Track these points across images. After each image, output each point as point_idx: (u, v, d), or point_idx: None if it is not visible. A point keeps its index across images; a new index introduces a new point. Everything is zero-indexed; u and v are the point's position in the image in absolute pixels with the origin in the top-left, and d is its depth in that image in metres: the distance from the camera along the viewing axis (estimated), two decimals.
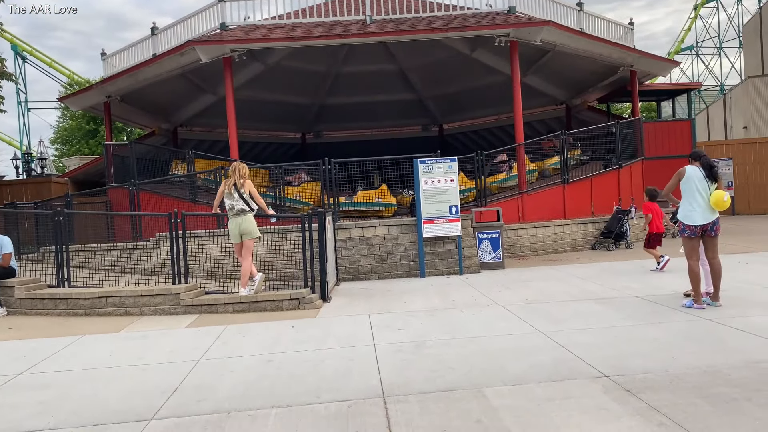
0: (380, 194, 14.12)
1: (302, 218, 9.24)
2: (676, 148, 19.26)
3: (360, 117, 24.26)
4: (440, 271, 11.50)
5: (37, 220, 12.47)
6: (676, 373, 4.76)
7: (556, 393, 4.45)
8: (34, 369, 5.92)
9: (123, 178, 16.58)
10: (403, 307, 8.36)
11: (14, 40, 41.55)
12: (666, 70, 21.24)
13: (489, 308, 7.91)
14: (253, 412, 4.40)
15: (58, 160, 36.81)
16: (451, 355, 5.64)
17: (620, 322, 6.65)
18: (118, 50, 18.36)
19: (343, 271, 11.47)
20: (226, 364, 5.73)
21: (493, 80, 20.51)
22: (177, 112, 21.40)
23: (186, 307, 8.61)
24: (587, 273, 10.55)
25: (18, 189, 22.15)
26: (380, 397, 4.57)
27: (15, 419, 4.51)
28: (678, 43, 56.55)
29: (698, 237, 7.18)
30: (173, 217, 9.10)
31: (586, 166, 16.87)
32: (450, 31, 14.70)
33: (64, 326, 8.12)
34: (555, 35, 15.18)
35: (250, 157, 20.76)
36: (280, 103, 22.51)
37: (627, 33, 18.69)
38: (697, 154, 7.42)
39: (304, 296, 8.63)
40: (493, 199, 14.24)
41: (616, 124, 16.92)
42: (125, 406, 4.67)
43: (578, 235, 14.59)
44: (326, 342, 6.46)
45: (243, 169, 8.57)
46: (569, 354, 5.44)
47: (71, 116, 37.88)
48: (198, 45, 14.60)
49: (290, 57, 19.40)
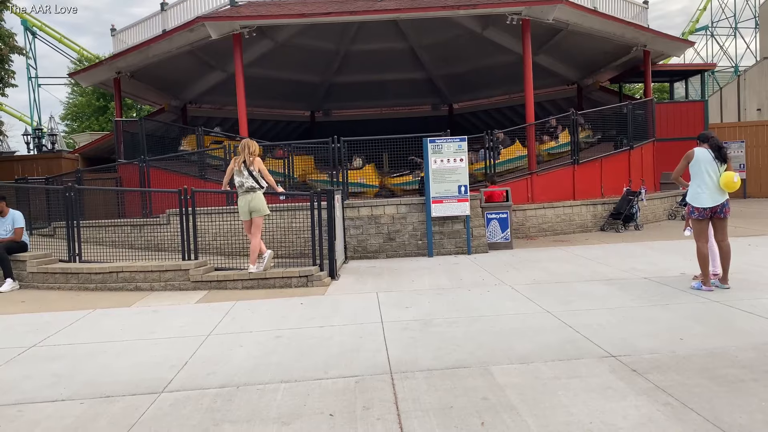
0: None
1: (311, 196, 9.25)
2: (688, 130, 19.05)
3: (369, 96, 24.14)
4: (448, 250, 11.52)
5: (49, 195, 12.57)
6: (683, 354, 4.77)
7: (563, 372, 4.48)
8: (47, 341, 6.01)
9: (133, 154, 16.65)
10: (410, 285, 8.40)
11: (24, 15, 41.44)
12: (680, 50, 20.95)
13: (497, 288, 7.93)
14: (262, 386, 4.46)
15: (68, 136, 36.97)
16: (458, 333, 5.68)
17: (628, 302, 6.66)
18: (128, 26, 18.29)
19: (352, 249, 11.51)
20: (236, 340, 5.80)
21: (504, 59, 20.32)
22: (186, 89, 21.37)
23: (196, 283, 8.69)
24: (596, 254, 10.54)
25: (29, 164, 22.30)
26: (387, 373, 4.62)
27: (29, 390, 4.60)
28: (693, 23, 55.69)
29: (707, 219, 7.14)
30: (183, 194, 9.14)
31: (596, 147, 16.76)
32: (461, 8, 14.54)
33: (76, 300, 8.22)
34: (568, 14, 14.99)
35: (259, 135, 20.75)
36: (290, 81, 22.43)
37: (641, 12, 18.42)
38: (705, 136, 7.34)
39: (312, 274, 8.68)
40: (502, 179, 14.19)
41: (628, 105, 16.76)
42: (136, 378, 4.75)
43: (587, 217, 14.55)
44: (334, 319, 6.51)
45: (253, 146, 8.58)
46: (576, 334, 5.46)
47: (81, 92, 37.93)
48: (208, 21, 14.53)
49: (300, 34, 19.28)
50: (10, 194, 11.04)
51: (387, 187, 14.41)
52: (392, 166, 14.07)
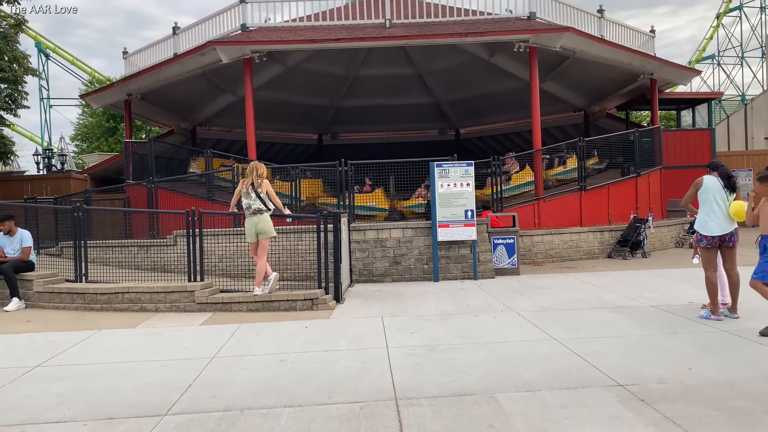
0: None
1: (317, 219, 9.27)
2: (695, 158, 19.08)
3: (377, 120, 24.32)
4: (454, 275, 11.48)
5: (57, 215, 12.65)
6: (691, 384, 4.71)
7: (570, 400, 4.43)
8: (52, 361, 6.00)
9: (141, 175, 16.77)
10: (416, 310, 8.36)
11: (38, 38, 42.14)
12: (687, 78, 21.06)
13: (503, 314, 7.88)
14: (265, 410, 4.42)
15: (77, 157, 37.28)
16: (464, 359, 5.63)
17: (635, 331, 6.60)
18: (140, 49, 18.57)
19: (357, 272, 11.49)
20: (240, 362, 5.77)
21: (511, 86, 20.47)
22: (196, 112, 21.59)
23: (201, 304, 8.68)
24: (603, 281, 10.48)
25: (38, 184, 22.48)
26: (392, 399, 4.58)
27: (33, 410, 4.57)
28: (699, 51, 56.03)
29: (715, 247, 7.10)
30: (190, 215, 9.17)
31: (603, 174, 16.77)
32: (469, 35, 14.69)
33: (81, 320, 8.22)
34: (575, 42, 15.12)
35: (267, 157, 20.86)
36: (298, 104, 22.64)
37: (648, 41, 18.57)
38: (715, 164, 7.35)
39: (317, 297, 8.66)
40: (509, 204, 14.20)
41: (635, 132, 16.81)
42: (140, 400, 4.72)
43: (594, 243, 14.50)
44: (339, 343, 6.47)
45: (261, 169, 8.64)
46: (583, 362, 5.41)
47: (91, 113, 38.34)
48: (219, 45, 14.73)
49: (309, 59, 19.51)
50: (19, 213, 11.11)
51: (397, 210, 14.48)
52: (399, 189, 14.12)
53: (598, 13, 16.83)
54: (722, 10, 53.55)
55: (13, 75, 18.05)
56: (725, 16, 53.98)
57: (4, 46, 17.86)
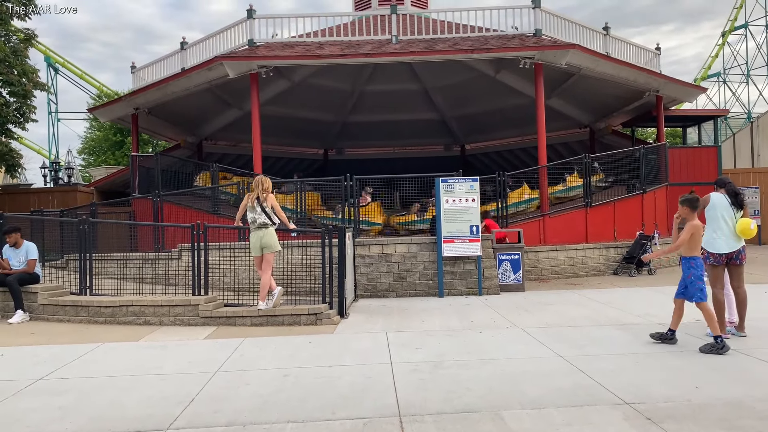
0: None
1: (322, 234, 9.27)
2: (701, 175, 19.03)
3: (382, 135, 24.39)
4: (459, 291, 11.43)
5: (63, 227, 12.68)
6: (699, 403, 4.66)
7: (575, 418, 4.38)
8: (55, 374, 5.98)
9: (147, 189, 16.82)
10: (420, 326, 8.32)
11: (47, 52, 42.59)
12: (692, 96, 21.09)
13: (508, 330, 7.83)
14: (268, 425, 4.39)
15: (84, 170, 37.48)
16: (468, 376, 5.59)
17: (642, 348, 6.54)
18: (148, 63, 18.73)
19: (361, 287, 11.45)
20: (243, 377, 5.74)
21: (517, 102, 20.52)
22: (203, 126, 21.70)
23: (205, 318, 8.66)
24: (609, 298, 10.41)
25: (45, 197, 22.57)
26: (396, 416, 4.54)
27: (35, 423, 4.55)
28: (705, 69, 56.09)
29: (723, 265, 7.06)
30: (195, 229, 9.19)
31: (609, 191, 16.74)
32: (475, 52, 14.76)
33: (85, 333, 8.21)
34: (580, 59, 15.17)
35: (272, 171, 20.94)
36: (304, 119, 22.73)
37: (653, 58, 18.63)
38: (722, 182, 7.33)
39: (321, 312, 8.63)
40: (515, 220, 14.17)
41: (641, 149, 16.80)
42: (143, 414, 4.69)
43: (600, 260, 14.44)
44: (343, 358, 6.44)
45: (266, 183, 8.65)
46: (589, 379, 5.36)
47: (99, 127, 38.56)
48: (226, 60, 14.84)
49: (316, 74, 19.63)
50: (25, 226, 11.15)
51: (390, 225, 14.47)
52: (404, 204, 14.11)
53: (604, 31, 16.90)
54: (728, 29, 53.70)
55: (23, 89, 18.21)
56: (731, 34, 54.11)
57: (15, 61, 18.04)
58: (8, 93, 18.23)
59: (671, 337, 6.74)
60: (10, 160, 18.89)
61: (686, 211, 6.76)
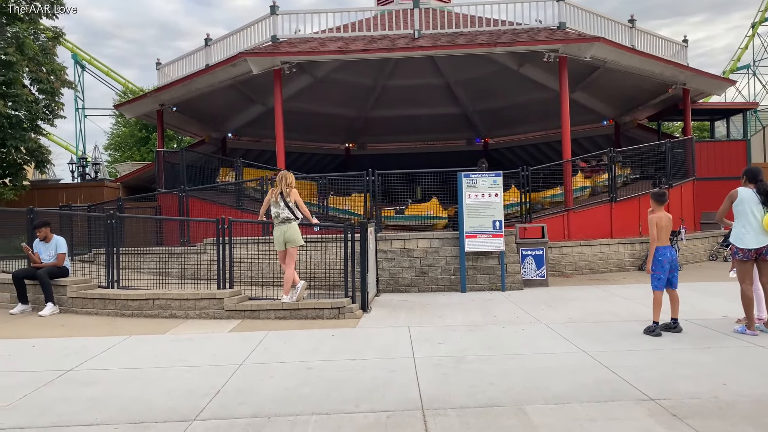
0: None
1: (345, 228, 9.31)
2: (730, 169, 18.66)
3: (404, 130, 24.37)
4: (482, 286, 11.40)
5: (90, 222, 12.92)
6: (726, 399, 4.60)
7: (599, 414, 4.36)
8: (84, 366, 6.11)
9: (173, 184, 17.06)
10: (443, 321, 8.32)
11: (74, 50, 43.26)
12: (721, 89, 20.69)
13: (531, 326, 7.80)
14: (292, 417, 4.44)
15: (110, 166, 38.09)
16: (491, 371, 5.58)
17: (667, 345, 6.46)
18: (172, 60, 18.96)
19: (384, 282, 11.48)
20: (267, 370, 5.80)
21: (541, 96, 20.35)
22: (226, 122, 21.91)
23: (230, 312, 8.76)
24: (634, 294, 10.30)
25: (73, 192, 23.00)
26: (419, 409, 4.56)
27: (66, 413, 4.66)
28: (734, 61, 54.98)
29: (752, 261, 6.93)
30: (220, 224, 9.29)
31: (634, 185, 16.53)
32: (498, 45, 14.66)
33: (112, 326, 8.36)
34: (605, 52, 14.98)
35: (295, 167, 21.05)
36: (327, 114, 22.81)
37: (680, 50, 18.32)
38: (752, 175, 7.04)
39: (344, 306, 8.68)
40: (539, 215, 14.07)
41: (667, 143, 16.56)
42: (169, 405, 4.78)
43: (625, 255, 14.28)
44: (365, 352, 6.47)
45: (290, 178, 8.71)
46: (613, 375, 5.32)
47: (125, 123, 39.17)
48: (250, 57, 14.95)
49: (338, 70, 19.67)
50: (54, 221, 11.37)
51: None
52: (426, 199, 14.07)
53: (629, 23, 16.67)
54: (758, 19, 52.53)
55: (51, 87, 18.55)
56: (761, 25, 52.93)
57: (43, 59, 18.38)
58: (37, 90, 18.60)
59: (654, 329, 6.97)
60: (39, 156, 19.28)
61: (653, 204, 7.24)
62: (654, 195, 7.31)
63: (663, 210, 7.21)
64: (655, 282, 7.11)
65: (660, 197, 7.26)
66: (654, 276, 7.10)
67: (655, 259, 7.07)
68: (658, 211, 7.16)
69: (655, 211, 7.17)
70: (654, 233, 7.06)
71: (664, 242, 7.14)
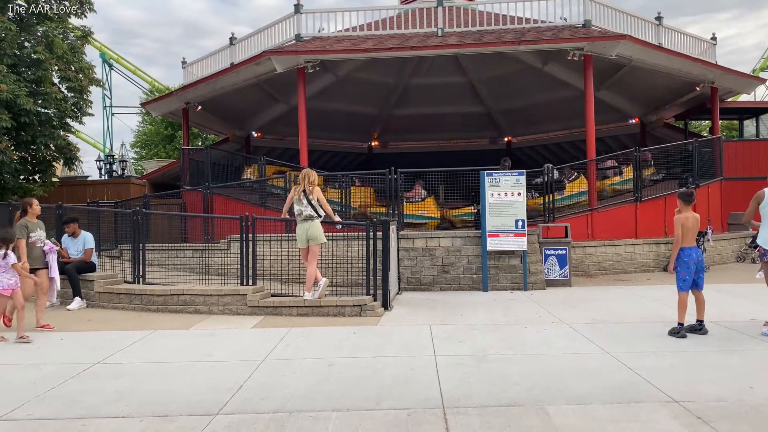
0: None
1: (366, 226, 9.34)
2: (759, 169, 18.25)
3: (427, 128, 24.32)
4: (504, 285, 11.35)
5: (117, 218, 13.12)
6: (752, 403, 4.53)
7: (622, 415, 4.32)
8: (110, 359, 6.23)
9: (197, 181, 17.23)
10: (464, 319, 8.31)
11: (102, 48, 43.93)
12: (750, 87, 20.30)
13: (554, 326, 7.75)
14: (314, 413, 4.48)
15: (137, 163, 38.62)
16: (513, 370, 5.57)
17: (692, 347, 6.38)
18: (198, 59, 19.17)
19: (405, 281, 11.49)
20: (289, 366, 5.86)
21: (565, 94, 20.15)
22: (250, 120, 22.07)
23: (252, 308, 8.85)
24: (658, 295, 10.16)
25: (100, 189, 23.37)
26: (440, 408, 4.57)
27: (93, 405, 4.76)
28: (765, 59, 53.84)
29: None
30: (244, 221, 9.38)
31: (660, 185, 16.30)
32: (522, 44, 14.55)
33: (138, 321, 8.51)
34: (631, 50, 14.78)
35: (318, 165, 21.16)
36: (349, 113, 22.86)
37: (708, 48, 18.00)
38: None
39: (366, 303, 8.71)
40: (561, 215, 13.95)
41: (694, 143, 16.29)
42: (193, 399, 4.85)
43: (650, 256, 14.09)
44: (387, 350, 6.50)
45: (312, 176, 8.77)
46: (636, 376, 5.27)
47: (151, 121, 39.69)
48: (274, 55, 15.04)
49: (361, 68, 19.70)
50: (82, 217, 11.58)
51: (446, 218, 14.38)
52: (448, 198, 14.04)
53: (656, 21, 16.42)
54: None
55: (80, 85, 18.86)
56: None
57: (72, 57, 18.68)
58: (66, 88, 18.90)
59: (679, 331, 6.89)
60: (68, 153, 19.58)
61: (680, 204, 7.16)
62: (681, 195, 7.24)
63: (690, 210, 7.14)
64: (681, 283, 7.03)
65: (687, 197, 7.18)
66: (679, 277, 7.03)
67: (680, 259, 7.00)
68: (685, 211, 7.08)
69: (682, 211, 7.10)
70: (679, 233, 6.98)
71: (690, 243, 7.07)
